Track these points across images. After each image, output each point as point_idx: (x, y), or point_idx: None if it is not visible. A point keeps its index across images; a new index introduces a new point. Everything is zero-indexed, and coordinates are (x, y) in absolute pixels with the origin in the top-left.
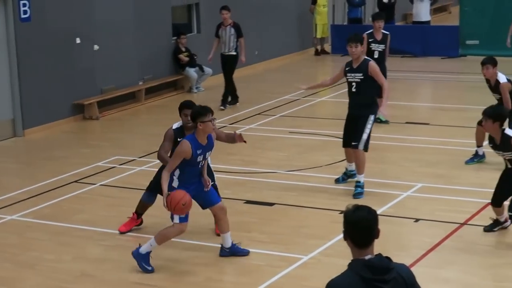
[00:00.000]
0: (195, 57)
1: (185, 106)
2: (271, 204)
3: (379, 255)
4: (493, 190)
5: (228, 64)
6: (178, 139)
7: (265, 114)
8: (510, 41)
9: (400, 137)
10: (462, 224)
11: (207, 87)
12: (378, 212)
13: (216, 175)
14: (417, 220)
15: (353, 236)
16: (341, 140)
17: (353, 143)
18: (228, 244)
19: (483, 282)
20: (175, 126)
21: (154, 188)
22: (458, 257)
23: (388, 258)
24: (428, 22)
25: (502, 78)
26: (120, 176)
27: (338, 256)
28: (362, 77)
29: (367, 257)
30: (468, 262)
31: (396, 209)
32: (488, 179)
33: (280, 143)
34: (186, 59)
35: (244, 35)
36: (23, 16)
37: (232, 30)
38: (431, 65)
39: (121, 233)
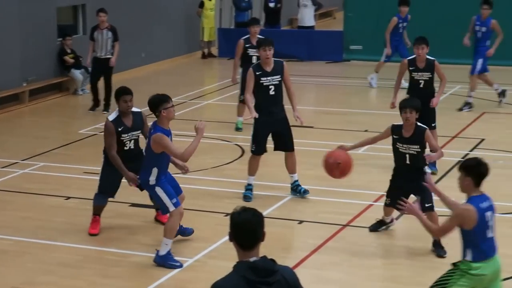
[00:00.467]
0: (81, 59)
1: (124, 92)
2: (158, 208)
3: (264, 257)
4: (374, 192)
5: (107, 68)
6: (119, 129)
7: (152, 117)
8: (391, 49)
9: None
10: (345, 226)
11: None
12: (263, 214)
13: (97, 178)
14: (301, 222)
15: (238, 238)
16: (229, 143)
17: (290, 148)
18: None
19: (364, 282)
20: (111, 117)
21: (105, 190)
22: (341, 258)
23: (272, 260)
24: (312, 27)
25: (431, 58)
26: (2, 179)
27: (223, 258)
28: (280, 79)
29: (252, 259)
30: (350, 263)
31: (281, 211)
32: (369, 181)
33: None
34: (72, 60)
35: (131, 38)
36: None
37: (110, 33)
38: (316, 69)
39: (93, 235)
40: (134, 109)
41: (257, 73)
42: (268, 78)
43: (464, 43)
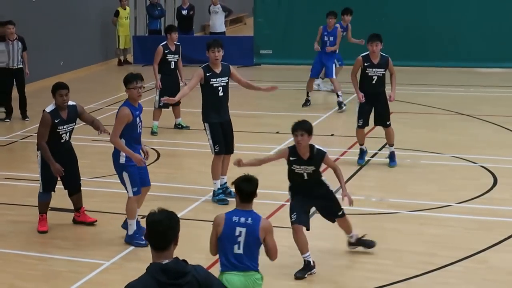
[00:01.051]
0: None
1: (59, 87)
2: (73, 211)
3: (176, 259)
4: (285, 192)
5: (19, 78)
6: (55, 121)
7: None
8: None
9: (198, 143)
10: None
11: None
12: (178, 216)
13: (21, 184)
14: None
15: (151, 239)
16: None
17: (232, 150)
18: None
19: (278, 281)
20: (49, 109)
21: (47, 187)
22: None
23: (185, 261)
24: (223, 33)
25: (385, 54)
26: None
27: (139, 260)
28: (227, 81)
29: (165, 261)
30: (263, 262)
31: (195, 212)
32: (279, 181)
33: (83, 151)
34: None
35: (49, 47)
36: None
37: (20, 44)
38: None
39: (43, 232)
40: (69, 102)
41: (207, 74)
42: (218, 79)
43: (315, 48)
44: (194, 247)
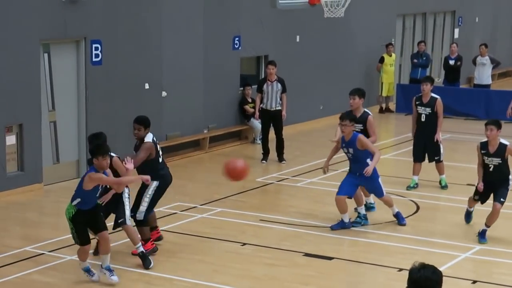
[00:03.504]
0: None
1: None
2: (330, 258)
3: None
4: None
5: (277, 120)
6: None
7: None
8: None
9: (461, 199)
10: None
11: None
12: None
13: (275, 226)
14: (474, 282)
15: None
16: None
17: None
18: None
19: None
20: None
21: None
22: None
23: None
24: (488, 86)
25: (505, 141)
26: (181, 222)
27: None
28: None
29: None
30: None
31: (454, 270)
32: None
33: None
34: (252, 110)
35: (309, 90)
36: (94, 59)
37: (279, 86)
38: None
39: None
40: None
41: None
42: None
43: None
44: None
